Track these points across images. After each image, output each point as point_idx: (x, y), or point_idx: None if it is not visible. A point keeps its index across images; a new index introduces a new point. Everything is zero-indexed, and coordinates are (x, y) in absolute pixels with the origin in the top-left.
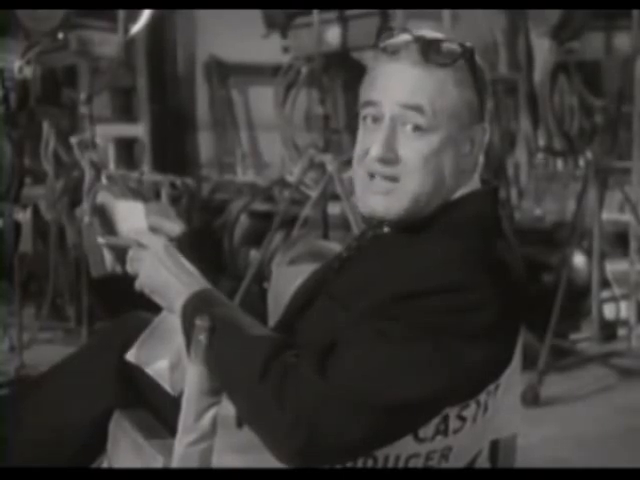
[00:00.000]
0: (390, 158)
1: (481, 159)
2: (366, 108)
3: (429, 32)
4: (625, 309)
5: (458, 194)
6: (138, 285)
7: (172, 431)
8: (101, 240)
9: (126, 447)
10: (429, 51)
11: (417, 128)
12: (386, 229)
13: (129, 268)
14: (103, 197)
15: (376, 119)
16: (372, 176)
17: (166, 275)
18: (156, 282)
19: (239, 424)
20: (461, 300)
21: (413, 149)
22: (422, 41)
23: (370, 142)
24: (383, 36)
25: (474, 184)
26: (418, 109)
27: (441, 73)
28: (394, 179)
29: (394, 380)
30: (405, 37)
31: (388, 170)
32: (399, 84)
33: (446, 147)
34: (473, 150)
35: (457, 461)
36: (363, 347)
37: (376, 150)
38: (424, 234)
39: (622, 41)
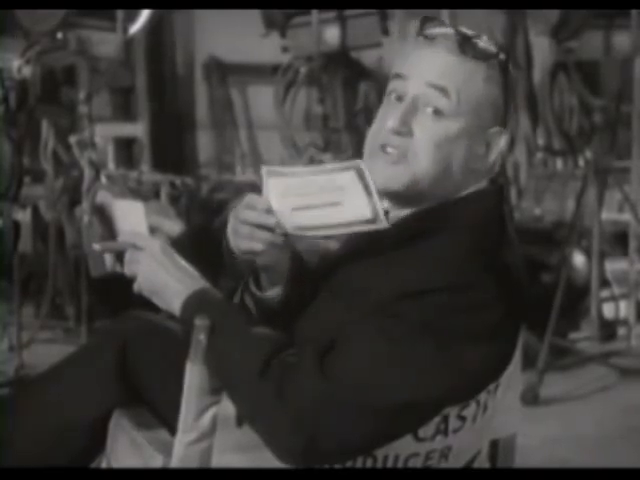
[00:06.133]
0: (404, 131)
1: (496, 165)
2: (394, 81)
3: (469, 30)
4: (624, 308)
5: (463, 193)
6: (136, 287)
7: (172, 430)
8: (96, 247)
9: (125, 446)
10: (466, 43)
11: (438, 112)
12: (389, 225)
13: (126, 271)
14: (102, 196)
15: (400, 97)
16: (384, 148)
17: (164, 276)
18: (154, 283)
19: (239, 423)
20: (463, 300)
21: (428, 130)
22: (462, 35)
23: (389, 117)
24: (424, 25)
25: (481, 184)
26: (443, 91)
27: (473, 65)
28: (404, 152)
29: (395, 379)
30: (446, 29)
31: (399, 141)
32: (430, 64)
33: (461, 138)
34: (488, 153)
35: (456, 461)
36: (364, 346)
37: (392, 122)
38: (427, 232)
39: (621, 40)
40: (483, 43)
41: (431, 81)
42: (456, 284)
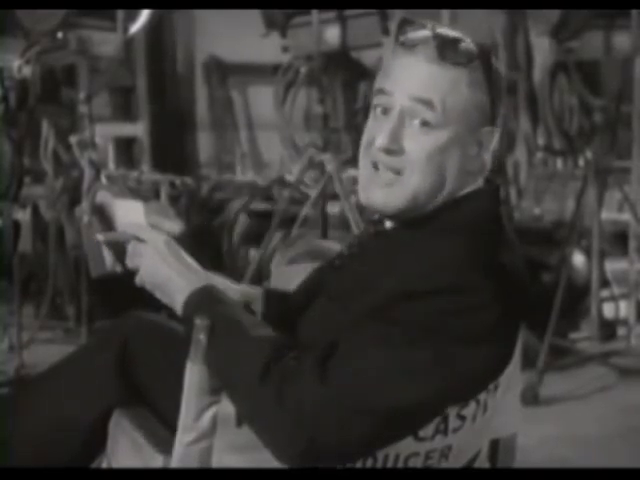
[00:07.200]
0: (394, 149)
1: (488, 162)
2: (378, 96)
3: (448, 30)
4: (624, 308)
5: (460, 194)
6: (139, 280)
7: (172, 430)
8: (100, 237)
9: (126, 446)
10: (446, 49)
11: (425, 123)
12: (388, 225)
13: (129, 263)
14: (102, 196)
15: (386, 110)
16: (376, 167)
17: (167, 271)
18: (157, 278)
19: (239, 423)
20: (461, 301)
21: (418, 143)
22: (440, 38)
23: (377, 132)
24: (402, 29)
25: (477, 184)
26: (428, 104)
27: (456, 72)
28: (397, 171)
29: (394, 383)
30: (424, 33)
31: (392, 161)
32: (413, 77)
33: (452, 146)
34: (480, 152)
35: (456, 460)
36: (363, 350)
37: (382, 140)
38: (424, 233)
39: (621, 40)
40: (463, 45)
41: (415, 94)
42: (454, 285)
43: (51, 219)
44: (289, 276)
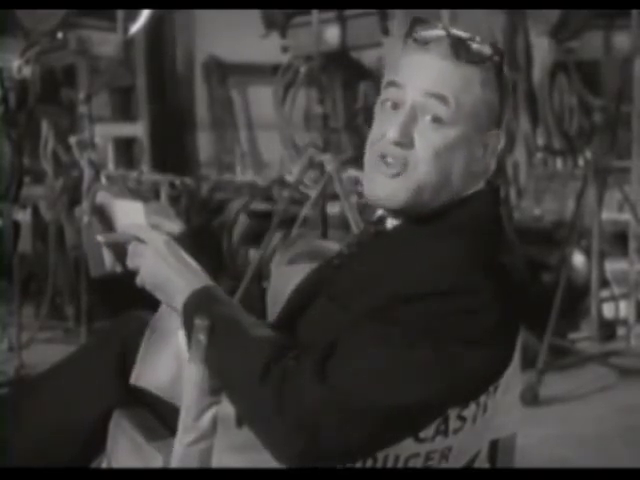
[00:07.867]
0: (405, 142)
1: (492, 165)
2: (389, 89)
3: (462, 31)
4: (624, 308)
5: (461, 195)
6: (139, 281)
7: (172, 430)
8: (100, 238)
9: (126, 447)
10: (460, 47)
11: (436, 120)
12: (388, 225)
13: (130, 263)
14: (102, 197)
15: (396, 105)
16: (384, 159)
17: (167, 271)
18: (157, 278)
19: (239, 424)
20: (461, 303)
21: (428, 139)
22: (454, 37)
23: (387, 126)
24: (414, 28)
25: (479, 186)
26: (442, 99)
27: (468, 70)
28: (404, 164)
29: (394, 384)
30: (438, 31)
31: (400, 153)
32: (426, 72)
33: (459, 145)
34: (485, 155)
35: (456, 461)
36: (363, 351)
37: (393, 133)
38: (424, 233)
39: (621, 40)
40: (476, 45)
41: (429, 90)
42: (454, 286)
43: (51, 219)
44: (289, 276)
